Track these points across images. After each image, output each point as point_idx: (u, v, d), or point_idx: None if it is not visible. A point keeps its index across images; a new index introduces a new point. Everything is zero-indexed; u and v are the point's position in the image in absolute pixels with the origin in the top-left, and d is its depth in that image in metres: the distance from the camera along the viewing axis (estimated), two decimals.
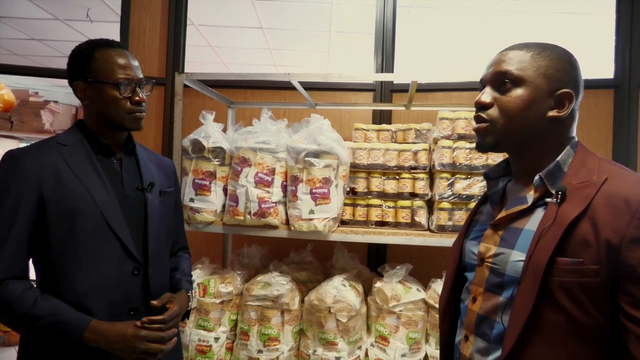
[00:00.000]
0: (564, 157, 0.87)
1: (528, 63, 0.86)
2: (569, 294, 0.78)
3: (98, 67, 1.18)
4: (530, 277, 0.80)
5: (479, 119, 0.90)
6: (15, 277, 1.10)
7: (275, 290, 1.80)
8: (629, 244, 0.74)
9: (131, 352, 1.08)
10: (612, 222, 0.76)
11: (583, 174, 0.83)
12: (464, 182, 1.82)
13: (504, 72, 0.87)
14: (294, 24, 4.47)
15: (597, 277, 0.76)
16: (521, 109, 0.85)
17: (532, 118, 0.86)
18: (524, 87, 0.85)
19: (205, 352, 1.84)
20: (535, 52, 0.87)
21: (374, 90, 2.42)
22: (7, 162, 1.13)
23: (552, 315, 0.79)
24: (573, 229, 0.79)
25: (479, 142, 0.92)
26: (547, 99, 0.85)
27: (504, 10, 3.97)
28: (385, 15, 2.41)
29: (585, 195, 0.80)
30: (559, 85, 0.85)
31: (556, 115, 0.85)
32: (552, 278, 0.78)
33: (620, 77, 2.20)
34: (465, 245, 1.01)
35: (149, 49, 2.56)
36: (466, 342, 0.94)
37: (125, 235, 1.18)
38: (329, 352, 1.75)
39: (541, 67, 0.86)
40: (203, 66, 5.98)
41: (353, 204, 1.96)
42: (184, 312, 1.30)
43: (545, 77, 0.85)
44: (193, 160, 1.88)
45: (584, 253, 0.77)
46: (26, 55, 5.91)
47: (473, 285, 0.94)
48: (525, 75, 0.85)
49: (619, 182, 0.80)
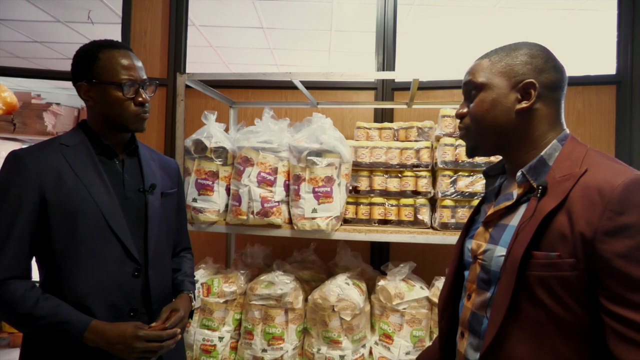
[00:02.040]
0: (549, 152, 0.87)
1: (487, 68, 0.91)
2: (547, 288, 0.77)
3: (102, 68, 1.18)
4: (508, 271, 0.81)
5: (460, 128, 0.98)
6: (17, 277, 1.10)
7: (279, 290, 1.80)
8: (602, 236, 0.73)
9: (130, 352, 1.09)
10: (586, 214, 0.75)
11: (566, 167, 0.83)
12: (467, 180, 1.82)
13: (468, 83, 0.95)
14: (294, 24, 4.47)
15: (574, 271, 0.75)
16: (486, 109, 0.90)
17: (500, 115, 0.89)
18: (485, 91, 0.91)
19: (210, 351, 1.85)
20: (494, 57, 0.92)
21: (376, 88, 2.42)
22: (10, 163, 1.14)
23: (532, 310, 0.79)
24: (550, 222, 0.79)
25: (465, 148, 1.00)
26: (509, 94, 0.89)
27: (505, 7, 3.96)
28: (386, 14, 2.41)
29: (564, 188, 0.80)
30: (520, 77, 0.88)
31: (524, 107, 0.88)
32: (530, 272, 0.79)
33: (622, 73, 2.19)
34: (465, 244, 1.03)
35: (150, 50, 2.57)
36: (462, 339, 0.95)
37: (125, 236, 1.19)
38: (333, 351, 1.75)
39: (498, 67, 0.90)
40: (204, 67, 5.98)
41: (356, 202, 1.96)
42: (187, 314, 1.30)
43: (503, 74, 0.89)
44: (195, 160, 1.89)
45: (560, 246, 0.77)
46: (28, 58, 5.93)
47: (468, 282, 0.96)
48: (485, 79, 0.91)
49: (596, 172, 0.79)
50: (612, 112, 2.20)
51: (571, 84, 0.95)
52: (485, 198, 1.05)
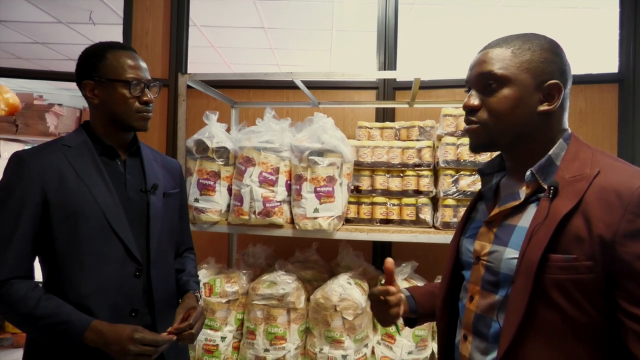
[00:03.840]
0: (556, 151, 0.85)
1: (510, 60, 0.84)
2: (564, 291, 0.76)
3: (109, 66, 1.20)
4: (524, 275, 0.79)
5: (470, 122, 0.90)
6: (20, 277, 1.11)
7: (281, 289, 1.80)
8: (622, 239, 0.72)
9: (125, 354, 1.08)
10: (605, 217, 0.74)
11: (576, 167, 0.82)
12: (469, 179, 1.81)
13: (487, 73, 0.86)
14: (295, 24, 4.47)
15: (592, 274, 0.75)
16: (510, 108, 0.84)
17: (523, 115, 0.84)
18: (509, 86, 0.84)
19: (212, 351, 1.85)
20: (516, 47, 0.85)
21: (377, 88, 2.42)
22: (12, 163, 1.15)
23: (548, 313, 0.78)
24: (565, 224, 0.77)
25: (472, 143, 0.92)
26: (534, 93, 0.84)
27: (507, 5, 3.95)
28: (387, 13, 2.41)
29: (578, 190, 0.78)
30: (545, 77, 0.83)
31: (547, 109, 0.84)
32: (546, 276, 0.77)
33: (624, 72, 2.18)
34: (462, 243, 1.00)
35: (151, 50, 2.57)
36: (465, 342, 0.93)
37: (127, 236, 1.19)
38: (336, 350, 1.75)
39: (524, 62, 0.84)
40: (206, 67, 5.99)
41: (357, 202, 1.96)
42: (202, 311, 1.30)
43: (529, 71, 0.83)
44: (197, 160, 1.89)
45: (577, 249, 0.76)
46: (30, 59, 5.95)
47: (470, 283, 0.94)
48: (509, 73, 0.84)
49: (611, 174, 0.78)
50: (615, 110, 2.20)
51: (573, 83, 0.94)
52: (482, 196, 1.01)
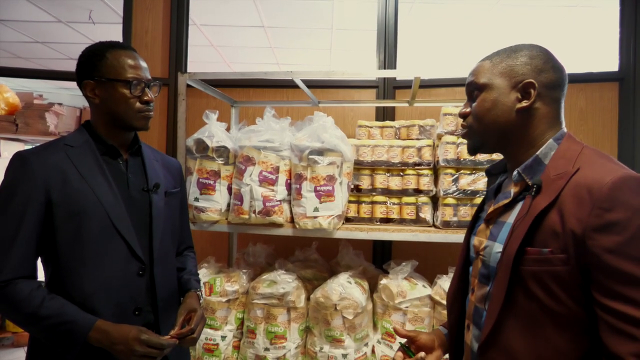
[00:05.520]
0: (544, 151, 0.91)
1: (488, 69, 0.95)
2: (540, 282, 0.81)
3: (109, 66, 1.20)
4: (503, 267, 0.86)
5: (463, 127, 1.02)
6: (24, 276, 1.11)
7: (281, 288, 1.81)
8: (591, 232, 0.76)
9: (130, 354, 1.09)
10: (576, 212, 0.78)
11: (561, 166, 0.86)
12: (469, 178, 1.81)
13: (470, 83, 0.98)
14: (295, 22, 4.47)
15: (566, 266, 0.79)
16: (486, 109, 0.94)
17: (500, 114, 0.92)
18: (486, 91, 0.94)
19: (213, 350, 1.85)
20: (495, 58, 0.96)
21: (377, 87, 2.42)
22: (15, 164, 1.15)
23: (526, 303, 0.83)
24: (543, 219, 0.82)
25: (467, 146, 1.03)
26: (511, 93, 0.92)
27: (507, 4, 3.94)
28: (387, 12, 2.40)
29: (557, 187, 0.83)
30: (520, 78, 0.91)
31: (524, 106, 0.91)
32: (524, 267, 0.83)
33: (625, 70, 2.18)
34: (470, 241, 1.07)
35: (151, 49, 2.57)
36: (468, 331, 1.00)
37: (130, 235, 1.19)
38: (336, 349, 1.76)
39: (499, 68, 0.94)
40: (205, 66, 5.98)
41: (357, 201, 1.96)
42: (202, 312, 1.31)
43: (503, 75, 0.93)
44: (197, 159, 1.89)
45: (553, 243, 0.81)
46: (29, 58, 5.94)
47: (472, 277, 1.01)
48: (486, 80, 0.94)
49: (588, 171, 0.82)
50: (615, 109, 2.19)
51: (573, 81, 0.96)
52: (487, 196, 1.09)
